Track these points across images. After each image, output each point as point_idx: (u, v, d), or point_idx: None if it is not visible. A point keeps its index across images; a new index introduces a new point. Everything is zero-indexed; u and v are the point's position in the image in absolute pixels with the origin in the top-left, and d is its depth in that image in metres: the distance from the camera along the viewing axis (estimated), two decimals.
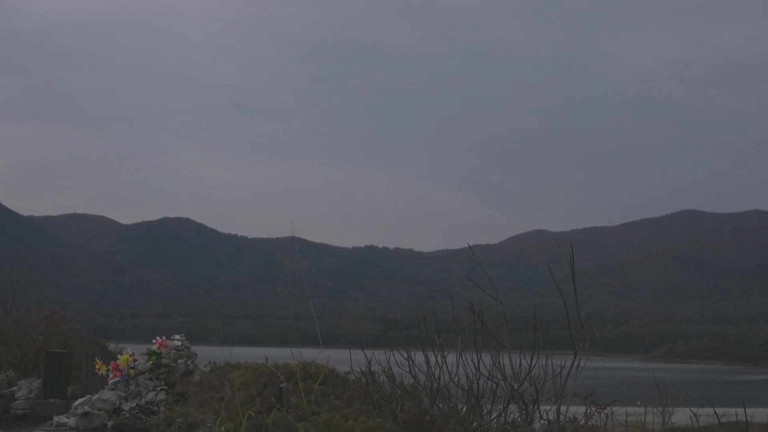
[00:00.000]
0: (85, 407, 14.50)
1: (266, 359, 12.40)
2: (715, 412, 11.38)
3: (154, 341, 16.02)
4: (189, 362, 16.01)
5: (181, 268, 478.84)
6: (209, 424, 9.83)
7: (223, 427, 8.74)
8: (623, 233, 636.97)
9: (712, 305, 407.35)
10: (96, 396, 15.02)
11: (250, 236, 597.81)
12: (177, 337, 16.41)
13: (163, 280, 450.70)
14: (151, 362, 15.69)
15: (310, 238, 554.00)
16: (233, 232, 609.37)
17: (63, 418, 14.76)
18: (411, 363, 11.72)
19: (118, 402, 14.78)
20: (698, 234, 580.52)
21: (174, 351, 16.03)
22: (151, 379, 15.50)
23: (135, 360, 15.78)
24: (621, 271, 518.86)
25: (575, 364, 7.64)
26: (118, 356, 16.59)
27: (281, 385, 9.21)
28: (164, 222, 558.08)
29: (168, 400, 14.76)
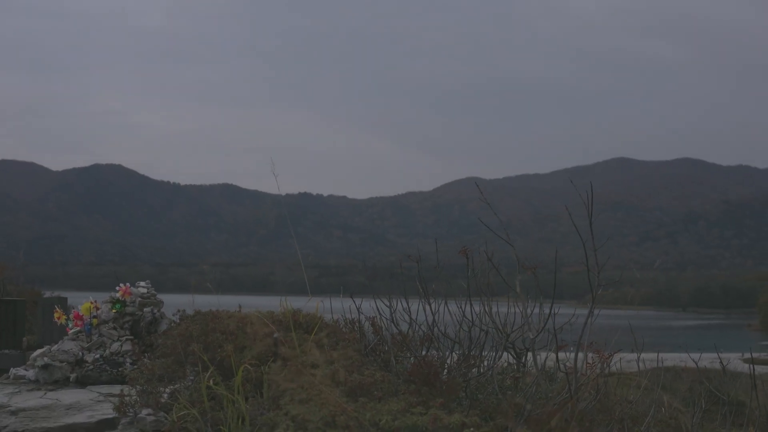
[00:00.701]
0: (45, 359, 13.60)
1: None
2: (658, 356, 11.42)
3: (117, 288, 14.98)
4: (156, 310, 15.02)
5: (113, 215, 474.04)
6: (192, 378, 9.06)
7: (211, 381, 7.94)
8: (556, 180, 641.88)
9: (643, 252, 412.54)
10: (56, 347, 14.10)
11: (183, 183, 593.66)
12: (142, 284, 15.37)
13: (96, 227, 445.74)
14: (114, 311, 14.65)
15: (243, 185, 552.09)
16: (166, 179, 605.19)
17: (21, 371, 14.14)
18: (392, 312, 10.68)
19: (80, 353, 13.88)
20: (629, 182, 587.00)
21: (139, 299, 15.01)
22: (115, 328, 14.57)
23: (98, 308, 14.60)
24: (553, 219, 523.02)
25: (591, 311, 7.73)
26: (78, 305, 14.98)
27: (274, 335, 8.54)
28: (96, 169, 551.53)
29: (135, 351, 13.99)
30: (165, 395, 9.38)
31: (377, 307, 10.98)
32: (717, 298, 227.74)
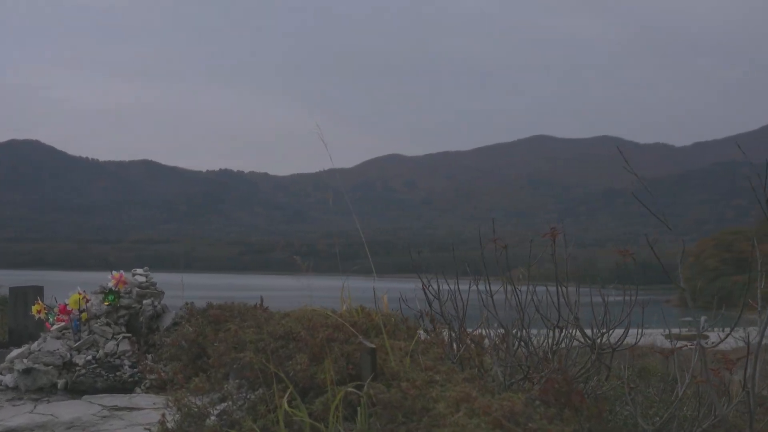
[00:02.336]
0: (26, 361, 11.39)
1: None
2: (585, 333, 11.39)
3: (110, 276, 12.71)
4: (157, 303, 12.74)
5: (31, 191, 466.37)
6: (246, 394, 7.12)
7: (285, 402, 6.15)
8: (477, 158, 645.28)
9: (563, 229, 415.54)
10: (36, 345, 11.91)
11: (102, 159, 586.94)
12: (139, 271, 13.16)
13: (13, 204, 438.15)
14: (107, 303, 12.47)
15: (164, 162, 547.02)
16: (84, 155, 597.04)
17: None
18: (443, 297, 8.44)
19: (68, 354, 11.73)
20: (549, 159, 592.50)
21: (137, 289, 12.75)
22: (108, 324, 12.33)
23: (88, 300, 12.42)
24: (475, 195, 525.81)
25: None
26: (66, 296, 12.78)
27: (369, 345, 6.55)
28: (12, 144, 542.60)
29: (134, 351, 11.87)
30: (213, 417, 7.14)
31: (425, 293, 9.04)
32: (636, 274, 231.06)
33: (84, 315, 12.21)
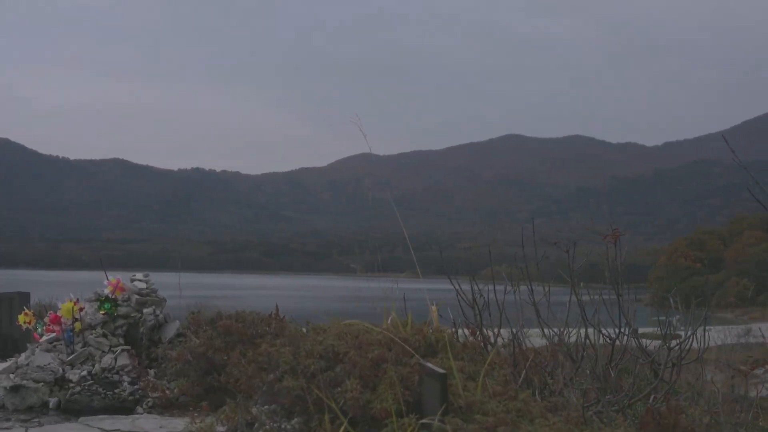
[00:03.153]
0: (13, 377, 10.08)
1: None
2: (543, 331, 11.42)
3: (105, 282, 11.28)
4: (158, 311, 11.38)
5: (1, 190, 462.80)
6: (282, 424, 6.13)
7: None
8: (449, 157, 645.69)
9: (535, 228, 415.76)
10: (23, 359, 10.66)
11: (72, 158, 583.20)
12: (139, 276, 11.77)
13: None
14: (103, 312, 11.11)
15: (135, 160, 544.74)
16: (55, 154, 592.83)
17: None
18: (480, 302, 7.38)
19: (60, 369, 10.36)
20: (522, 158, 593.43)
21: (136, 296, 11.38)
22: (105, 335, 10.95)
23: (81, 309, 11.05)
24: (447, 195, 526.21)
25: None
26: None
27: (437, 370, 5.35)
28: None
29: (134, 365, 10.51)
30: None
31: (459, 296, 8.16)
32: (608, 273, 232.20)
33: (77, 325, 10.86)
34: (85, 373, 10.33)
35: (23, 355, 10.98)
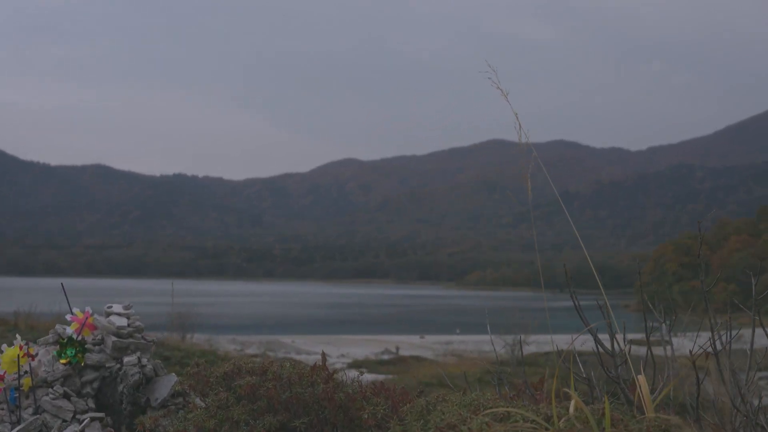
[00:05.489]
0: None
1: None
2: (521, 339, 10.63)
3: (68, 317, 6.76)
4: (145, 360, 6.88)
5: None
6: None
7: None
8: (432, 162, 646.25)
9: (519, 233, 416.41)
10: None
11: (53, 163, 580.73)
12: (116, 307, 7.06)
13: None
14: (64, 361, 6.82)
15: (116, 166, 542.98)
16: (35, 159, 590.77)
17: None
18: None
19: None
20: (504, 163, 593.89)
21: (113, 338, 6.95)
22: (67, 396, 6.74)
23: (32, 357, 6.67)
24: (430, 200, 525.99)
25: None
26: None
27: None
28: None
29: None
30: None
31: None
32: (593, 278, 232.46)
33: (26, 381, 6.44)
34: None
35: None
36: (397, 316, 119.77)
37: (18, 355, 6.47)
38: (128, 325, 7.14)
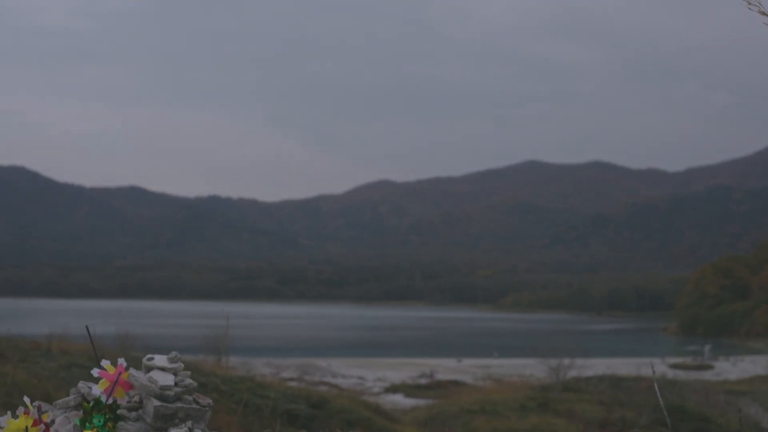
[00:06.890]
0: None
1: None
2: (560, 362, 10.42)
3: (95, 372, 3.61)
4: (198, 430, 3.57)
5: (14, 218, 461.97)
6: None
7: None
8: (466, 184, 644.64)
9: (554, 255, 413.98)
10: None
11: (87, 185, 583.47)
12: (158, 359, 3.75)
13: None
14: None
15: (151, 188, 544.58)
16: (70, 181, 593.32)
17: None
18: None
19: None
20: (540, 184, 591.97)
21: (157, 402, 3.59)
22: None
23: (47, 424, 3.55)
24: (464, 222, 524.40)
25: None
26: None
27: None
28: None
29: None
30: None
31: None
32: (630, 301, 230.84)
33: None
34: None
35: None
36: (432, 338, 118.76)
37: (26, 427, 3.58)
38: (175, 384, 3.97)
